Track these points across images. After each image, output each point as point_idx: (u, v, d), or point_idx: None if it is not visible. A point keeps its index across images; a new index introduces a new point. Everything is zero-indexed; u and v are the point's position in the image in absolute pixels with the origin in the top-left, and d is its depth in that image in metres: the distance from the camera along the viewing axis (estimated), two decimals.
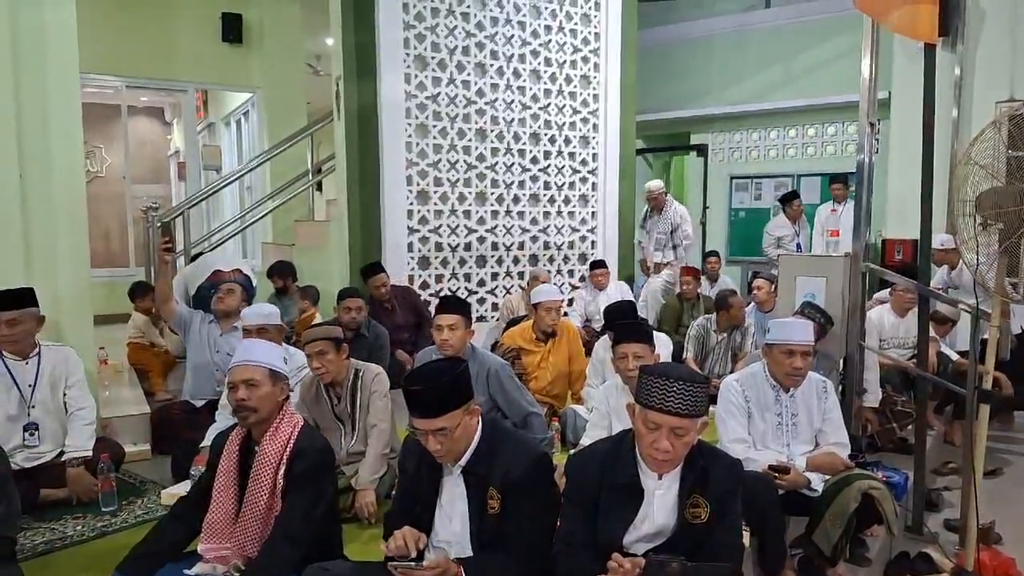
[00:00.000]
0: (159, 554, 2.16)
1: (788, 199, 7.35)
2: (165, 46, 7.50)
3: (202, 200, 7.10)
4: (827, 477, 2.74)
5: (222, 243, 7.14)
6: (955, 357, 4.79)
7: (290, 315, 5.34)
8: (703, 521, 1.90)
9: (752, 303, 5.47)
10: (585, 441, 3.21)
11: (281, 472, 2.14)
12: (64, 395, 3.32)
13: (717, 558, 1.83)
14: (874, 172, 3.79)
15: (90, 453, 3.27)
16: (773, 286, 4.94)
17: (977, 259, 2.92)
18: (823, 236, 7.17)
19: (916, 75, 3.66)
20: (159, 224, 5.88)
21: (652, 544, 1.93)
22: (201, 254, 6.01)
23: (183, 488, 3.05)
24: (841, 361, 3.84)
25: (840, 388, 3.73)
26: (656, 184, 6.95)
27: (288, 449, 2.15)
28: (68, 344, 3.51)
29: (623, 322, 3.49)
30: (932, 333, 4.20)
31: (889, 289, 4.91)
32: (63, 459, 3.24)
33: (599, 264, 6.13)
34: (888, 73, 6.68)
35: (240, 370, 2.17)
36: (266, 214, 7.40)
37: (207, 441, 3.12)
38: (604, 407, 3.08)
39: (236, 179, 7.51)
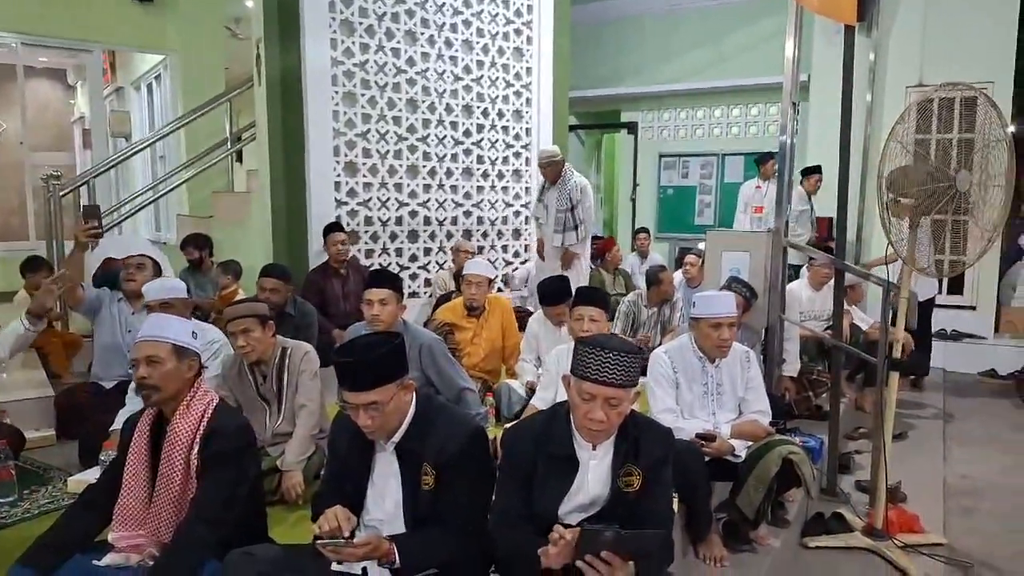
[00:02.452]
0: (66, 545, 2.02)
1: (763, 159, 7.22)
2: (68, 2, 6.97)
3: (109, 169, 6.67)
4: (750, 443, 2.83)
5: (132, 214, 6.77)
6: (866, 327, 5.04)
7: (206, 291, 5.11)
8: (636, 489, 1.92)
9: (682, 278, 5.65)
10: (536, 402, 3.29)
11: (195, 452, 2.03)
12: None
13: (650, 525, 1.86)
14: (795, 152, 3.90)
15: None
16: (702, 261, 5.07)
17: (889, 232, 3.06)
18: (747, 213, 7.38)
19: (834, 59, 3.77)
20: (85, 206, 5.45)
21: (586, 514, 1.94)
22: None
23: (92, 475, 2.86)
24: (763, 332, 3.97)
25: (761, 358, 3.85)
26: (550, 148, 5.92)
27: (201, 427, 2.04)
28: None
29: (583, 287, 3.73)
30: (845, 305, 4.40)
31: (807, 264, 5.10)
32: None
33: None
34: (809, 56, 6.90)
35: (142, 346, 2.05)
36: (180, 184, 7.04)
37: (117, 424, 2.95)
38: (555, 369, 3.16)
39: (147, 147, 7.11)
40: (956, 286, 6.82)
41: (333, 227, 5.17)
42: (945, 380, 6.27)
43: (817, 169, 6.86)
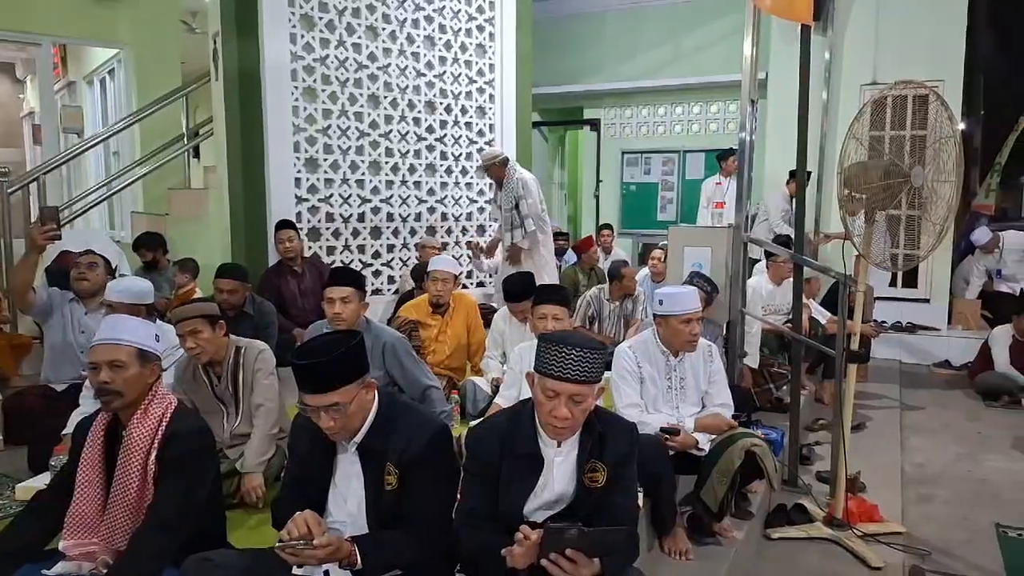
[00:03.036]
0: (15, 554, 1.94)
1: (724, 156, 7.27)
2: None
3: (60, 165, 6.47)
4: (713, 437, 2.86)
5: (85, 211, 6.58)
6: (824, 321, 5.14)
7: (162, 290, 4.99)
8: (601, 485, 1.92)
9: (647, 273, 5.71)
10: (500, 400, 3.28)
11: (152, 457, 1.97)
12: None
13: (614, 521, 1.86)
14: (754, 149, 3.96)
15: None
16: (665, 256, 5.13)
17: (845, 226, 3.12)
18: (708, 208, 7.47)
19: (791, 57, 3.83)
20: (43, 208, 5.26)
21: (552, 511, 1.94)
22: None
23: (41, 481, 2.76)
24: (724, 326, 4.02)
25: (724, 352, 3.90)
26: (491, 150, 5.74)
27: (160, 432, 1.99)
28: None
29: (545, 284, 3.74)
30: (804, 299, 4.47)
31: (767, 260, 5.18)
32: None
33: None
34: (767, 55, 7.00)
35: (103, 349, 1.97)
36: (134, 180, 6.86)
37: (69, 428, 2.86)
38: (519, 367, 3.16)
39: (100, 143, 6.91)
40: (910, 280, 6.99)
41: (283, 224, 5.07)
42: (901, 371, 6.43)
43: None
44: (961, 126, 8.30)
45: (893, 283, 6.98)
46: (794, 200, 6.71)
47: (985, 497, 3.81)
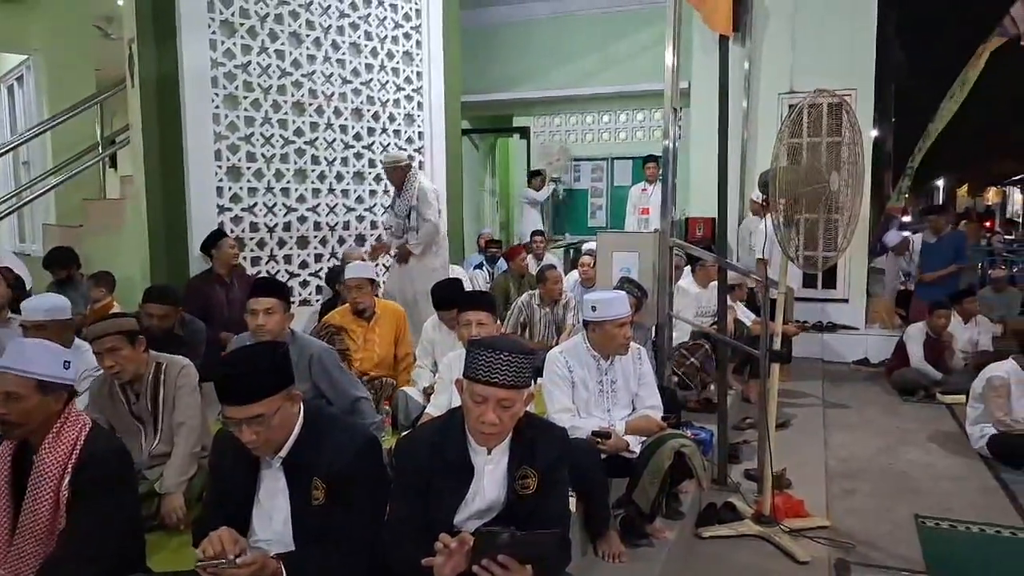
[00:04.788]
0: None
1: (644, 163, 7.45)
2: None
3: None
4: (644, 439, 2.90)
5: None
6: (749, 323, 5.29)
7: (78, 306, 4.74)
8: (532, 492, 1.91)
9: (577, 278, 5.77)
10: (431, 410, 3.26)
11: (65, 483, 1.87)
12: None
13: (546, 526, 1.85)
14: (678, 156, 4.05)
15: None
16: (594, 261, 5.19)
17: (766, 229, 3.23)
18: (635, 215, 7.62)
19: (712, 67, 3.94)
20: None
21: (483, 520, 1.92)
22: None
23: None
24: (653, 329, 4.09)
25: (653, 355, 3.97)
26: (394, 154, 5.49)
27: (73, 456, 1.89)
28: None
29: (469, 291, 3.76)
30: (729, 301, 4.61)
31: (693, 264, 5.32)
32: None
33: None
34: (689, 64, 7.20)
35: (1, 378, 1.86)
36: (47, 191, 6.53)
37: None
38: (449, 375, 3.14)
39: (8, 151, 6.58)
40: (830, 280, 7.29)
41: (221, 234, 4.93)
42: (823, 369, 6.68)
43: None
44: (874, 133, 8.76)
45: (813, 284, 7.27)
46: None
47: (905, 490, 3.96)
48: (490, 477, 1.92)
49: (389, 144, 6.21)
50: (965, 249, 6.97)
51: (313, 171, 5.74)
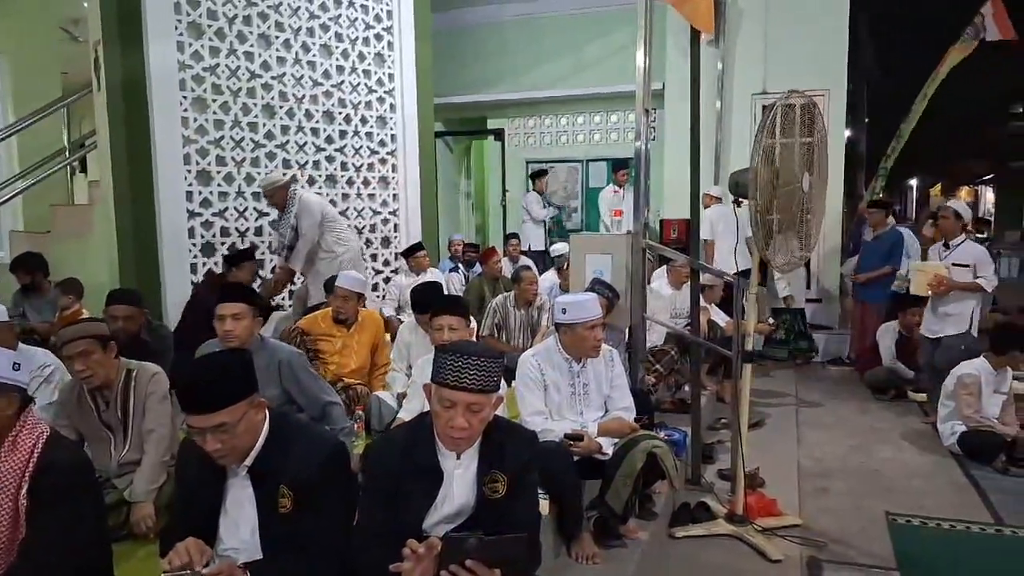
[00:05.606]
0: None
1: (616, 168, 7.41)
2: None
3: None
4: (616, 440, 2.90)
5: None
6: (723, 324, 5.32)
7: (44, 314, 4.66)
8: (501, 496, 1.90)
9: (555, 282, 5.78)
10: (402, 415, 3.25)
11: (23, 492, 1.82)
12: None
13: (516, 529, 1.84)
14: (651, 158, 4.06)
15: None
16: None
17: (737, 231, 3.25)
18: (607, 217, 7.64)
19: (686, 69, 3.95)
20: None
21: (453, 524, 1.91)
22: None
23: None
24: (627, 331, 4.10)
25: (626, 356, 3.97)
26: (271, 177, 5.18)
27: (31, 465, 1.84)
28: None
29: (443, 295, 3.76)
30: (703, 302, 4.64)
31: (667, 265, 5.35)
32: None
33: (417, 247, 6.04)
34: (663, 66, 7.25)
35: None
36: (12, 196, 6.40)
37: None
38: (421, 379, 3.06)
39: None
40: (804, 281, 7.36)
41: (250, 256, 5.02)
42: (797, 368, 6.75)
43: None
44: (847, 133, 8.87)
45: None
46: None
47: (877, 487, 4.00)
48: (459, 481, 1.91)
49: (361, 147, 6.18)
50: (902, 249, 6.35)
51: (284, 174, 5.67)
